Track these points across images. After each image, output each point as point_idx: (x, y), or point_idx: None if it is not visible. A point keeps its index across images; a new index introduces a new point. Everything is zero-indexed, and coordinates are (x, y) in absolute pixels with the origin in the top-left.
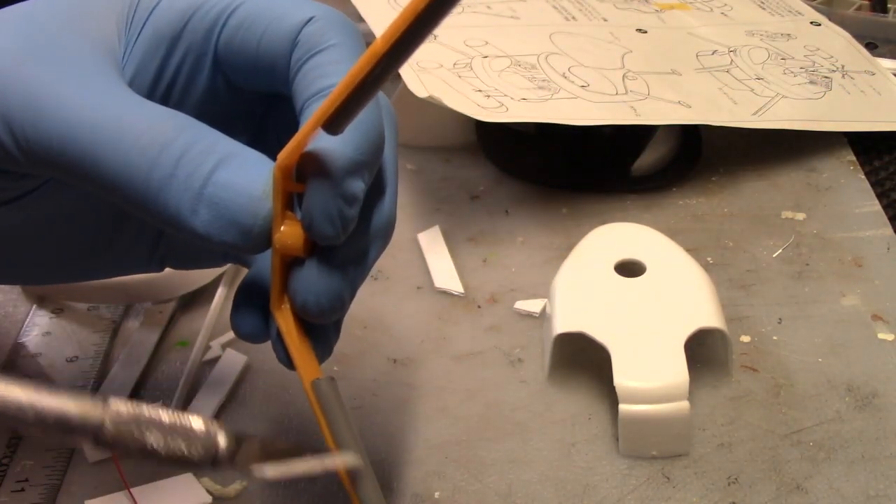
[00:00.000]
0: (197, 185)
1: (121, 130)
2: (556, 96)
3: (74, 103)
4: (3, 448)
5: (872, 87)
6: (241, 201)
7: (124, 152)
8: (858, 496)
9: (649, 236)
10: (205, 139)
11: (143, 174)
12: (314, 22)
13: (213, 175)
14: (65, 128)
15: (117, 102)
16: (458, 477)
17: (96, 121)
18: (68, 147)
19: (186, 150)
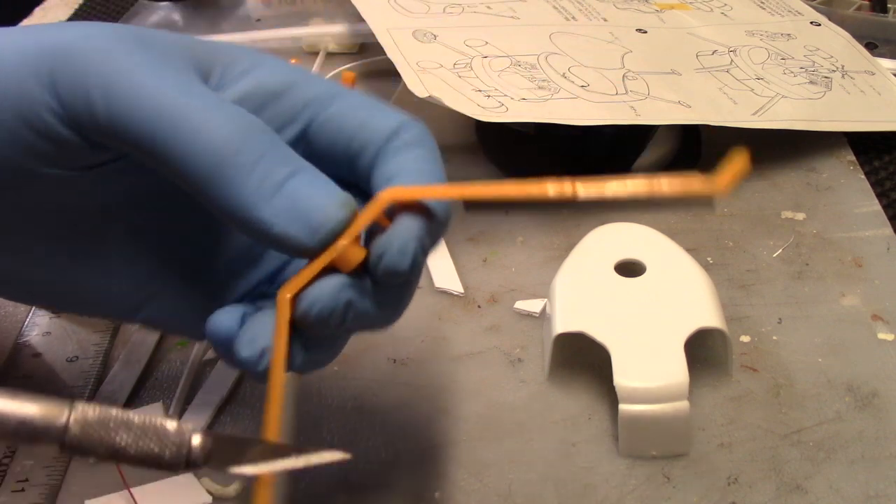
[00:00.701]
0: (279, 178)
1: (205, 116)
2: (556, 96)
3: (160, 87)
4: (3, 448)
5: (872, 87)
6: (320, 201)
7: (207, 134)
8: (858, 496)
9: (649, 236)
10: (286, 148)
11: (221, 159)
12: (409, 128)
13: (296, 175)
14: (154, 108)
15: (204, 93)
16: (458, 477)
17: (181, 104)
18: (153, 126)
19: (271, 149)
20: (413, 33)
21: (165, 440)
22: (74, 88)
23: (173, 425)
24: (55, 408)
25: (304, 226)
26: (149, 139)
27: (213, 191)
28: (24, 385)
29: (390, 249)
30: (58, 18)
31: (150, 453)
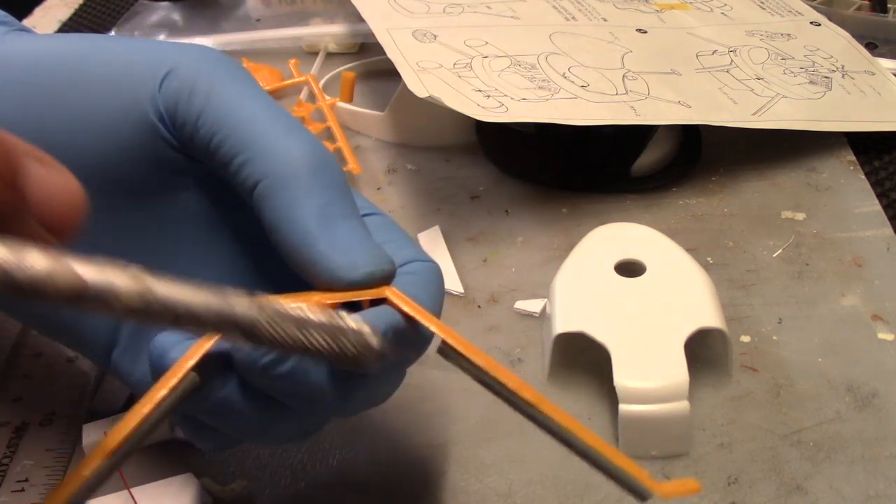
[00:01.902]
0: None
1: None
2: (556, 96)
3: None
4: (3, 448)
5: (872, 87)
6: (373, 248)
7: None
8: (858, 496)
9: (649, 236)
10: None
11: (295, 174)
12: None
13: (354, 217)
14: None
15: (289, 116)
16: (458, 477)
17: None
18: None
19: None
20: (413, 33)
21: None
22: (181, 87)
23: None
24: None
25: (349, 260)
26: (235, 141)
27: (277, 200)
28: (24, 385)
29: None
30: (58, 18)
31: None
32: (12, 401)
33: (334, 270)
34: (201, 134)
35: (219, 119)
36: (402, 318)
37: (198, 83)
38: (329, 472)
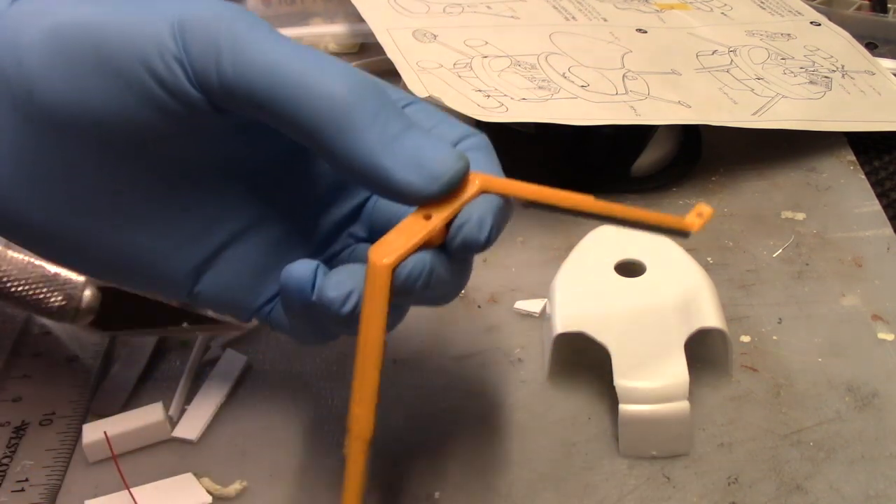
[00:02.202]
0: (397, 129)
1: (325, 71)
2: (556, 96)
3: (281, 49)
4: (3, 448)
5: (872, 87)
6: (439, 152)
7: (328, 88)
8: (858, 496)
9: (649, 236)
10: (398, 106)
11: (341, 111)
12: (472, 136)
13: (412, 129)
14: (279, 63)
15: (321, 54)
16: (458, 477)
17: (301, 63)
18: (279, 80)
19: (387, 104)
20: (413, 33)
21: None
22: (206, 45)
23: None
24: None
25: (426, 174)
26: (274, 94)
27: (334, 140)
28: (24, 385)
29: (470, 220)
30: None
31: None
32: (12, 401)
33: (419, 192)
34: (237, 94)
35: (254, 76)
36: (500, 198)
37: (222, 44)
38: (329, 473)
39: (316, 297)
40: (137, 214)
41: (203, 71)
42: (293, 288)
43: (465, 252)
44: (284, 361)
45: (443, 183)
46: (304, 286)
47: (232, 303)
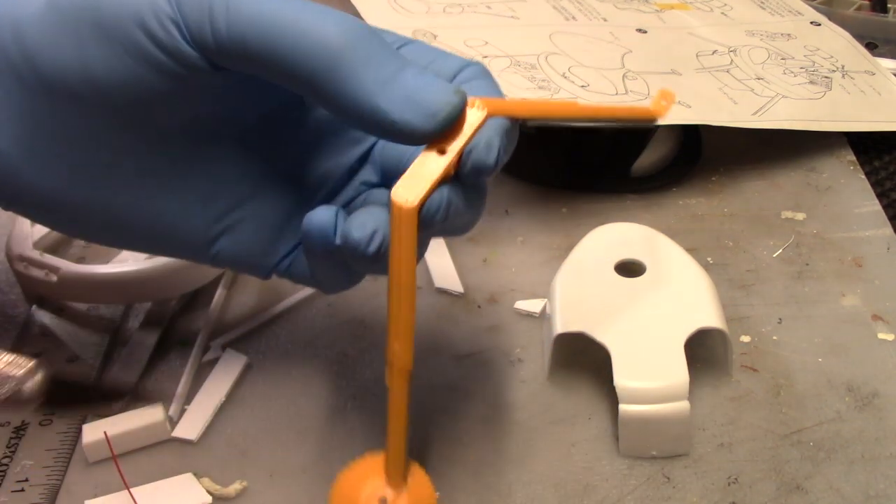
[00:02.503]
0: (392, 69)
1: (316, 19)
2: (556, 96)
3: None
4: (3, 448)
5: (872, 87)
6: (435, 88)
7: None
8: (858, 496)
9: (649, 236)
10: (392, 47)
11: (335, 57)
12: (471, 65)
13: (407, 68)
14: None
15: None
16: (458, 477)
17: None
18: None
19: (381, 46)
20: (413, 33)
21: None
22: (199, 2)
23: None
24: None
25: (423, 112)
26: (267, 44)
27: (330, 85)
28: None
29: (478, 144)
30: None
31: None
32: None
33: (418, 130)
34: (232, 47)
35: (247, 28)
36: (506, 120)
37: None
38: (329, 473)
39: (340, 240)
40: (146, 180)
41: (198, 28)
42: (316, 234)
43: (476, 176)
44: (284, 361)
45: (440, 119)
46: (326, 231)
47: (250, 261)
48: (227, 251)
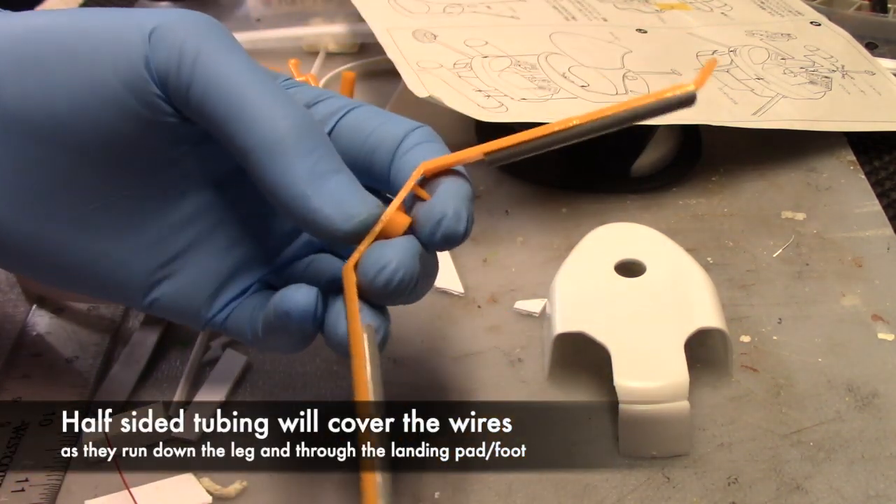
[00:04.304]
0: (327, 168)
1: (273, 100)
2: (556, 96)
3: (240, 68)
4: (3, 448)
5: (872, 87)
6: (358, 196)
7: (276, 119)
8: (858, 496)
9: (649, 236)
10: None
11: (279, 141)
12: (418, 130)
13: (341, 173)
14: (235, 83)
15: (278, 88)
16: (458, 477)
17: (256, 86)
18: (232, 99)
19: (325, 146)
20: (413, 33)
21: None
22: (171, 49)
23: None
24: None
25: (342, 212)
26: (225, 110)
27: (266, 165)
28: (24, 385)
29: (446, 215)
30: None
31: None
32: (12, 401)
33: (331, 224)
34: (192, 102)
35: (207, 90)
36: (468, 186)
37: (185, 52)
38: (330, 473)
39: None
40: (98, 220)
41: (165, 74)
42: (297, 316)
43: (445, 246)
44: (284, 361)
45: (357, 222)
46: (307, 315)
47: (188, 311)
48: (166, 298)
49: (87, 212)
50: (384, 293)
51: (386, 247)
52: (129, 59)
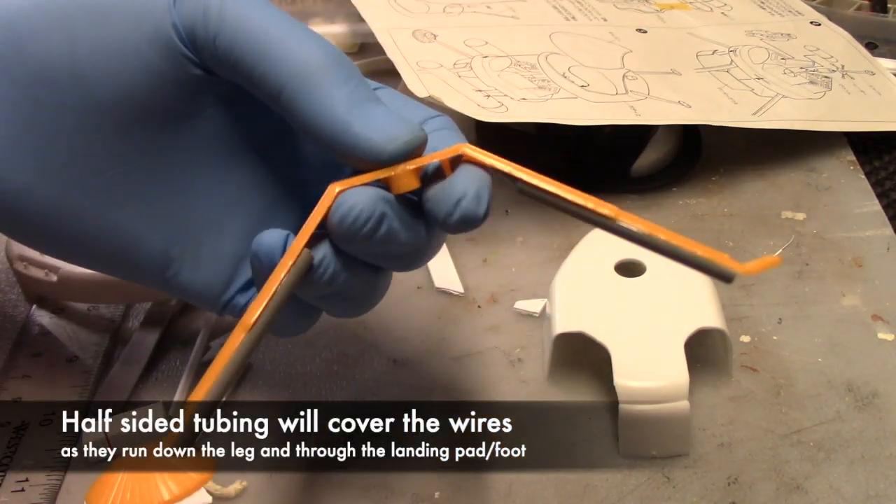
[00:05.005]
0: (365, 95)
1: (303, 34)
2: (556, 96)
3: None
4: (3, 448)
5: (872, 87)
6: (400, 120)
7: (304, 48)
8: (858, 496)
9: None
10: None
11: (315, 70)
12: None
13: (378, 102)
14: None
15: (298, 23)
16: (458, 477)
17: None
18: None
19: (359, 75)
20: (413, 33)
21: None
22: (196, 4)
23: None
24: None
25: (385, 134)
26: (254, 49)
27: (306, 97)
28: (24, 385)
29: (467, 195)
30: None
31: None
32: (12, 401)
33: (375, 146)
34: (220, 52)
35: (234, 36)
36: (488, 174)
37: (210, 4)
38: (330, 473)
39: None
40: (119, 188)
41: (191, 26)
42: (263, 255)
43: (463, 228)
44: (284, 361)
45: (401, 143)
46: (275, 253)
47: (205, 290)
48: (184, 276)
49: (107, 179)
50: (339, 231)
51: (359, 187)
52: (154, 17)
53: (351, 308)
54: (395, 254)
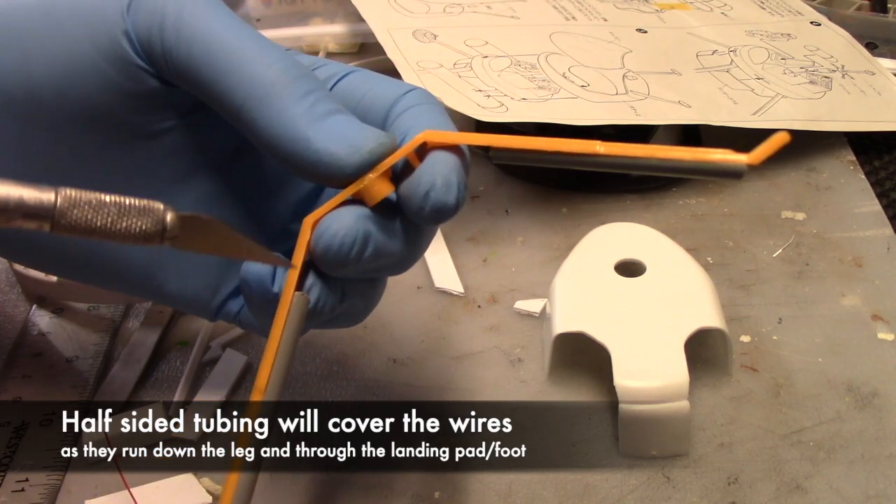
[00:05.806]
0: (326, 109)
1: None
2: (556, 96)
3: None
4: (3, 448)
5: (872, 87)
6: (363, 129)
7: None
8: (858, 496)
9: (649, 236)
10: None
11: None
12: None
13: (341, 112)
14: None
15: (264, 38)
16: (458, 477)
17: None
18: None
19: (320, 88)
20: (413, 33)
21: (145, 215)
22: (152, 12)
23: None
24: (41, 190)
25: (347, 145)
26: (213, 65)
27: (264, 114)
28: (24, 385)
29: (436, 185)
30: None
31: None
32: (12, 401)
33: (337, 160)
34: (177, 65)
35: (192, 50)
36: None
37: (166, 14)
38: (329, 473)
39: (278, 288)
40: None
41: (147, 37)
42: (253, 282)
43: (437, 220)
44: None
45: (364, 153)
46: (264, 280)
47: (194, 298)
48: (171, 286)
49: None
50: (324, 259)
51: (335, 212)
52: (107, 29)
53: (351, 320)
54: (389, 264)
